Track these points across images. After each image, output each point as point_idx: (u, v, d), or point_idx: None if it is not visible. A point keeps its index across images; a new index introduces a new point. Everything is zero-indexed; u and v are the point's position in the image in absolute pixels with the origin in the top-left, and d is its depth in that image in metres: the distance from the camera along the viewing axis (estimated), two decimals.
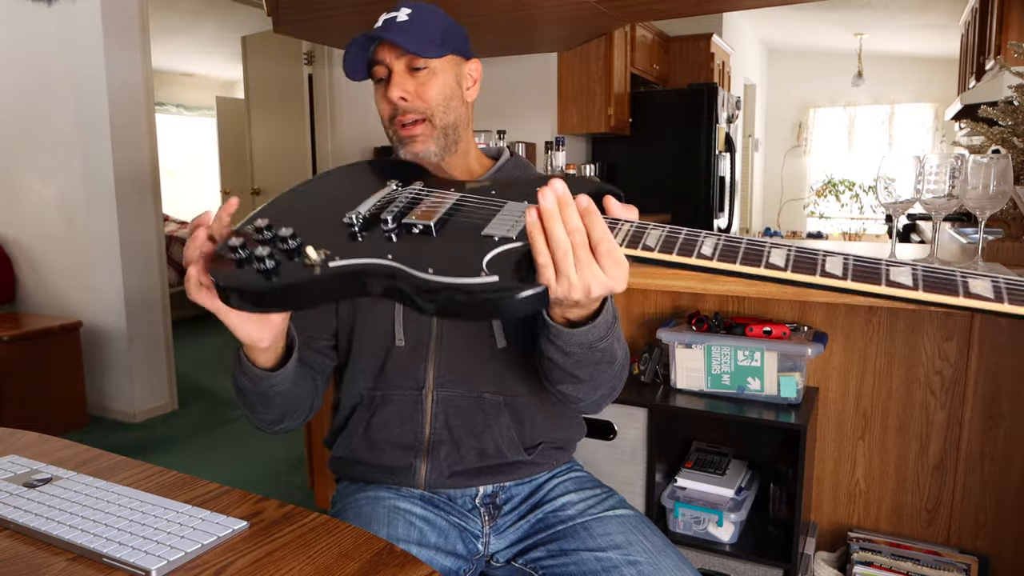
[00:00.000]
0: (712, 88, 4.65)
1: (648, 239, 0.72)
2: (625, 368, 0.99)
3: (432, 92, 1.03)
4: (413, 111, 1.03)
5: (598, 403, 1.02)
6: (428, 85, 1.03)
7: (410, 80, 1.03)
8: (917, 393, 1.72)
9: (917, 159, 1.39)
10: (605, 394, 0.99)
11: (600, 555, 0.99)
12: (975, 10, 4.46)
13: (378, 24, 1.04)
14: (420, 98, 1.03)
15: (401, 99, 1.02)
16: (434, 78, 1.04)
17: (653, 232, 0.73)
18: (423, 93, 1.03)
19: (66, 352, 3.32)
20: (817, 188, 8.43)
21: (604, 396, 1.00)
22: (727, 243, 0.70)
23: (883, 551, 1.69)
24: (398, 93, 1.02)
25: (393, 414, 1.07)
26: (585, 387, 0.95)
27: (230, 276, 0.80)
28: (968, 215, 3.19)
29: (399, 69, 1.03)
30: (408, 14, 1.03)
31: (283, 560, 0.72)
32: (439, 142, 1.05)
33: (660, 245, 0.71)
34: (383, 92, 1.05)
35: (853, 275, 0.67)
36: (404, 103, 1.03)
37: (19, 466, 0.91)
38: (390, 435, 1.07)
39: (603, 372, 0.92)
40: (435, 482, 1.07)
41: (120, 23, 3.30)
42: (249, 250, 0.80)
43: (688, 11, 3.32)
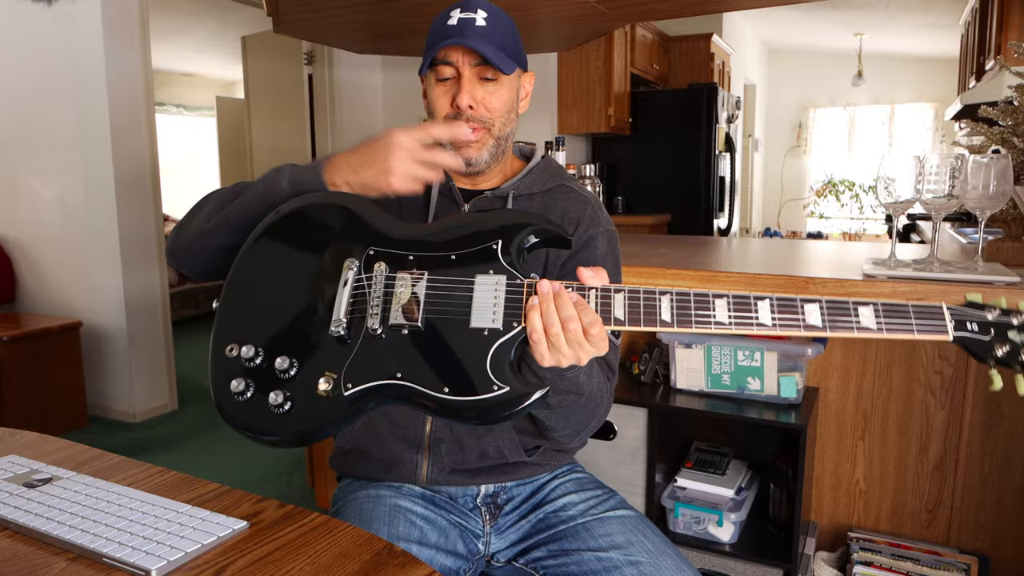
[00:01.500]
0: (712, 88, 4.65)
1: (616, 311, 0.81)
2: (600, 407, 1.01)
3: (497, 104, 1.05)
4: (476, 119, 1.04)
5: (570, 437, 1.05)
6: (495, 96, 1.05)
7: (479, 88, 1.04)
8: (917, 393, 1.72)
9: (917, 159, 1.39)
10: (576, 430, 1.02)
11: (601, 555, 0.99)
12: (975, 10, 4.46)
13: (452, 21, 1.03)
14: (486, 108, 1.04)
15: (470, 107, 1.03)
16: (501, 90, 1.05)
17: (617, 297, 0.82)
18: (490, 104, 1.04)
19: (66, 352, 3.32)
20: (817, 188, 8.43)
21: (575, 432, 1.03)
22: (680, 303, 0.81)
23: (883, 551, 1.69)
24: (467, 100, 1.02)
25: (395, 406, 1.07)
26: (556, 415, 0.97)
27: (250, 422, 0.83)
28: (968, 215, 3.19)
29: (469, 75, 1.03)
30: (485, 19, 1.03)
31: (283, 560, 0.72)
32: (492, 151, 1.07)
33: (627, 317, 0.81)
34: (445, 91, 1.04)
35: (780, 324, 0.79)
36: (471, 111, 1.03)
37: (19, 466, 0.91)
38: (392, 425, 1.08)
39: (572, 403, 0.95)
40: (436, 478, 1.07)
41: (120, 23, 3.30)
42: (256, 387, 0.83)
43: (688, 11, 3.31)
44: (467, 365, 0.81)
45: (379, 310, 0.84)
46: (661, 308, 0.80)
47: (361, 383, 0.82)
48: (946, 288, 1.35)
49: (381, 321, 0.84)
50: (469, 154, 1.05)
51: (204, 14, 5.78)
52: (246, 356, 0.84)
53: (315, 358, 0.84)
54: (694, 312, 0.80)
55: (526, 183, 1.12)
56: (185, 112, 8.46)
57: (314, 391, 0.82)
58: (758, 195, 8.30)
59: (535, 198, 1.12)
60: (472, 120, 1.03)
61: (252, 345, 0.85)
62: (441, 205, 1.11)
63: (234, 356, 0.85)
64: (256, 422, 0.83)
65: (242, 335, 0.86)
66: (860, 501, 1.81)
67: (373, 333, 0.84)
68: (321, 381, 0.82)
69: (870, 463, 1.79)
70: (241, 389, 0.83)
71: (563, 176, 1.17)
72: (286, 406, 0.81)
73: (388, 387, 0.82)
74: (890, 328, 0.78)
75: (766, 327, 0.79)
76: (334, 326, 0.83)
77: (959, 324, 0.78)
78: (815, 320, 0.79)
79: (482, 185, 1.13)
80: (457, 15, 1.03)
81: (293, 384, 0.83)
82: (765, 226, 8.53)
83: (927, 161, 1.38)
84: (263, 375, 0.83)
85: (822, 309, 0.79)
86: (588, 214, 1.12)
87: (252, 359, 0.84)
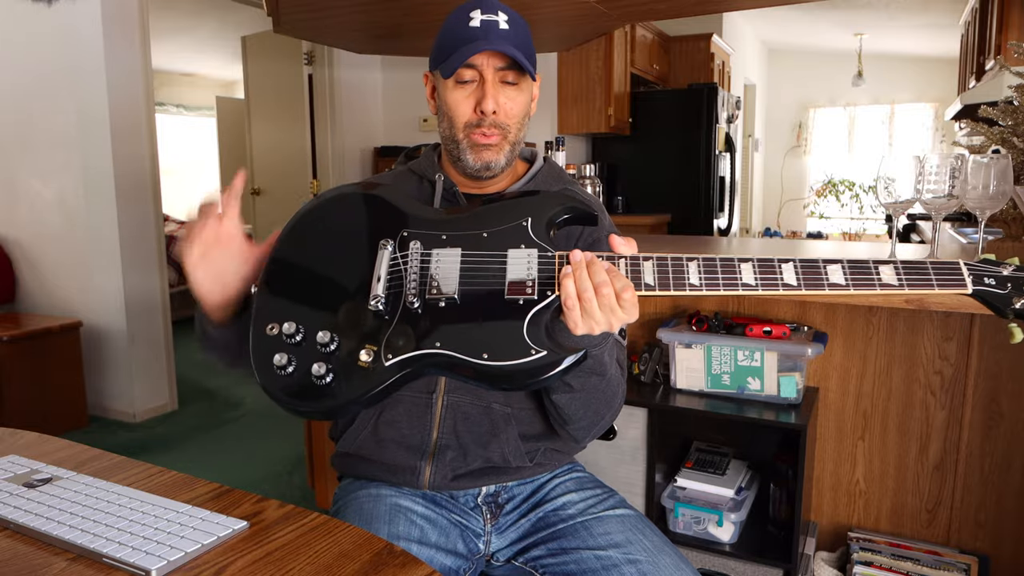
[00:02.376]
0: (712, 88, 4.65)
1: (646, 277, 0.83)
2: (616, 398, 1.02)
3: (516, 109, 1.05)
4: (497, 125, 1.03)
5: (586, 430, 1.05)
6: (516, 101, 1.04)
7: (502, 92, 1.03)
8: (917, 393, 1.72)
9: (917, 159, 1.39)
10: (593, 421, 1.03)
11: (600, 553, 0.99)
12: (975, 10, 4.46)
13: (475, 23, 1.01)
14: (507, 113, 1.04)
15: (494, 112, 1.02)
16: (521, 95, 1.05)
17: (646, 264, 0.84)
18: (511, 109, 1.04)
19: (66, 352, 3.32)
20: (817, 188, 8.43)
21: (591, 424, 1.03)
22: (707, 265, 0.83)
23: (883, 551, 1.69)
24: (493, 105, 1.01)
25: (402, 414, 1.07)
26: (577, 400, 0.98)
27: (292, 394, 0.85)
28: (968, 215, 3.19)
29: (493, 79, 1.02)
30: (507, 22, 1.02)
31: (283, 560, 0.72)
32: (508, 155, 1.06)
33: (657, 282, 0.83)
34: (467, 96, 1.03)
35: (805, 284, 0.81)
36: (495, 116, 1.03)
37: (19, 466, 0.91)
38: (397, 434, 1.07)
39: (594, 386, 0.96)
40: (439, 484, 1.07)
41: (120, 23, 3.30)
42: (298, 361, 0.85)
43: (688, 11, 3.31)
44: (504, 332, 0.83)
45: (415, 285, 0.87)
46: (689, 272, 0.82)
47: (401, 353, 0.84)
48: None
49: (418, 295, 0.86)
50: (488, 158, 1.05)
51: (204, 14, 5.78)
52: (287, 332, 0.87)
53: (355, 332, 0.86)
54: (721, 275, 0.82)
55: (530, 187, 1.12)
56: (185, 112, 8.46)
57: (355, 362, 0.84)
58: (758, 195, 8.30)
59: None
60: (494, 125, 1.03)
61: (292, 322, 0.87)
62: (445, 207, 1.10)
63: (275, 334, 0.87)
64: (299, 394, 0.85)
65: (282, 314, 0.89)
66: (860, 501, 1.81)
67: (411, 307, 0.86)
68: (362, 352, 0.84)
69: (870, 463, 1.79)
70: (283, 363, 0.85)
71: (565, 179, 1.17)
72: (328, 378, 0.84)
73: (427, 356, 0.84)
74: (911, 284, 0.80)
75: (792, 287, 0.81)
76: (373, 301, 0.86)
77: (977, 279, 0.80)
78: (838, 278, 0.81)
79: (488, 190, 1.13)
80: (479, 16, 1.01)
81: (334, 357, 0.85)
82: (765, 226, 8.53)
83: (927, 161, 1.38)
84: (304, 350, 0.86)
85: (844, 269, 0.81)
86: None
87: (293, 335, 0.86)
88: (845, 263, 0.82)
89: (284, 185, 4.72)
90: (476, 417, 1.06)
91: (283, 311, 0.89)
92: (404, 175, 1.17)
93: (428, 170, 1.13)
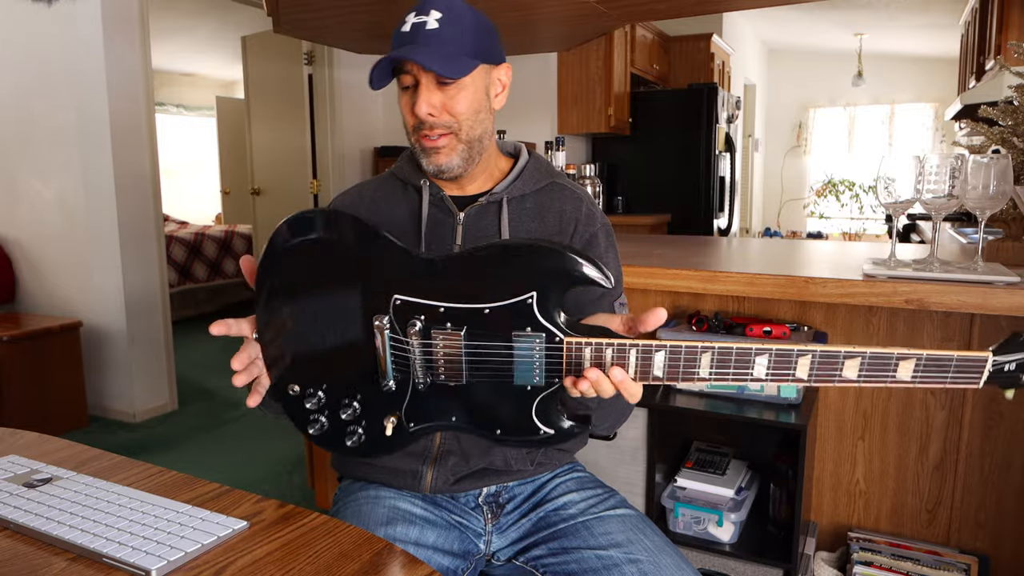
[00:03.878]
0: (712, 88, 4.65)
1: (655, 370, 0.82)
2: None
3: (461, 107, 1.01)
4: (440, 126, 1.01)
5: (609, 428, 1.11)
6: (457, 100, 1.00)
7: (437, 93, 1.00)
8: (917, 393, 1.72)
9: (917, 159, 1.39)
10: (614, 423, 1.09)
11: (601, 553, 0.99)
12: (975, 10, 4.46)
13: (405, 27, 0.99)
14: (448, 112, 1.00)
15: (429, 115, 1.00)
16: (463, 92, 1.01)
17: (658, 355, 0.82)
18: (451, 107, 1.00)
19: (66, 352, 3.32)
20: (817, 188, 8.43)
21: (614, 423, 1.09)
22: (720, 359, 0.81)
23: (883, 551, 1.69)
24: (426, 109, 0.99)
25: None
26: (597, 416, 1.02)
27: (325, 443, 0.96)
28: (968, 215, 3.19)
29: (426, 81, 0.99)
30: (439, 20, 0.98)
31: (283, 560, 0.72)
32: (463, 155, 1.04)
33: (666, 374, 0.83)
34: (408, 101, 1.02)
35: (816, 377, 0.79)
36: (432, 118, 1.00)
37: (19, 466, 0.91)
38: None
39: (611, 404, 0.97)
40: (440, 489, 1.07)
41: (120, 23, 3.30)
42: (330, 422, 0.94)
43: (688, 11, 3.31)
44: (514, 414, 0.89)
45: (422, 369, 0.89)
46: (701, 365, 0.81)
47: (422, 422, 0.92)
48: (946, 288, 1.35)
49: (426, 377, 0.90)
50: (439, 161, 1.03)
51: (204, 14, 5.78)
52: (308, 394, 0.94)
53: (375, 403, 0.93)
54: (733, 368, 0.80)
55: (518, 185, 1.10)
56: (185, 112, 8.46)
57: (382, 432, 0.92)
58: (758, 195, 8.30)
59: (528, 199, 1.11)
60: (436, 127, 1.01)
61: (311, 387, 0.94)
62: (433, 215, 1.09)
63: (296, 394, 0.94)
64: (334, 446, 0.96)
65: (296, 377, 0.94)
66: (860, 501, 1.81)
67: (422, 388, 0.91)
68: (387, 424, 0.92)
69: (870, 463, 1.79)
70: (318, 430, 0.94)
71: (553, 173, 1.15)
72: (360, 439, 0.94)
73: (446, 425, 0.93)
74: (924, 380, 0.77)
75: (802, 380, 0.79)
76: (384, 383, 0.91)
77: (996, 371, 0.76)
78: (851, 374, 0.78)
79: (471, 190, 1.11)
80: (411, 20, 0.99)
81: (361, 424, 0.94)
82: (765, 226, 8.53)
83: (927, 161, 1.38)
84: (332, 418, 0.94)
85: (862, 363, 0.77)
86: (584, 212, 1.11)
87: (311, 397, 0.94)
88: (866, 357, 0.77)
89: (284, 185, 4.72)
90: None
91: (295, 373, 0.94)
92: (389, 181, 1.16)
93: (411, 176, 1.12)
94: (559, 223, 1.09)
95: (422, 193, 1.10)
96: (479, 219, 1.09)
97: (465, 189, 1.11)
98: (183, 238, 5.65)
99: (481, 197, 1.10)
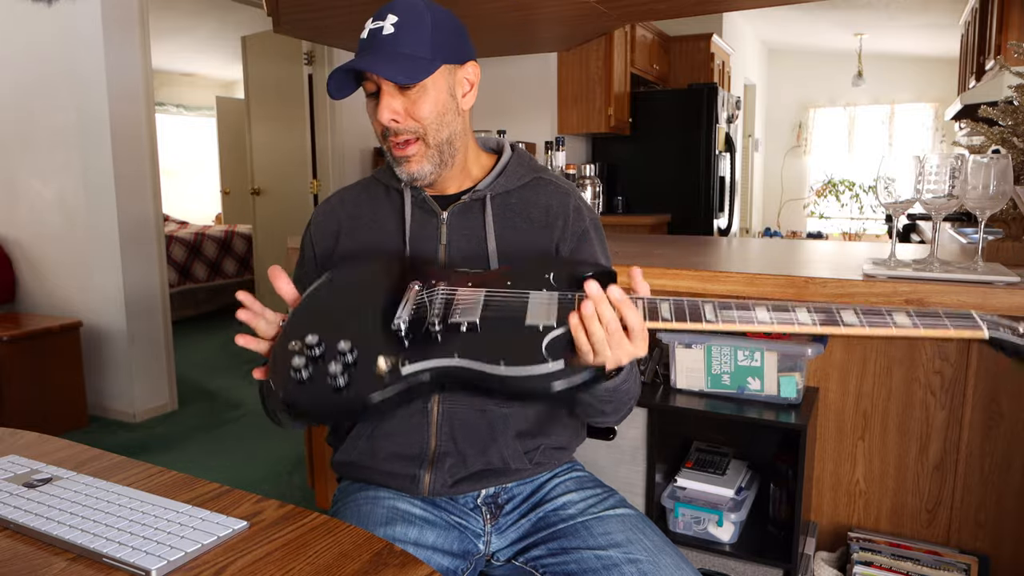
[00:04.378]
0: (712, 88, 4.65)
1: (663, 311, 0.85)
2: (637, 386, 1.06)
3: (424, 111, 1.00)
4: (405, 131, 1.01)
5: (618, 420, 1.10)
6: (419, 104, 1.00)
7: (399, 98, 0.99)
8: (917, 393, 1.72)
9: (917, 159, 1.39)
10: (624, 414, 1.08)
11: (600, 553, 0.99)
12: (975, 10, 4.46)
13: (364, 34, 1.00)
14: (412, 117, 1.00)
15: (392, 121, 0.99)
16: (425, 95, 1.00)
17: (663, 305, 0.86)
18: (414, 112, 1.00)
19: (66, 352, 3.32)
20: (817, 188, 8.43)
21: (624, 415, 1.09)
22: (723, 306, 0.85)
23: (883, 551, 1.69)
24: (388, 116, 0.99)
25: (397, 426, 1.06)
26: (608, 417, 1.05)
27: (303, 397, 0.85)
28: (968, 215, 3.19)
29: (387, 88, 0.99)
30: (395, 24, 0.98)
31: (283, 560, 0.72)
32: (433, 160, 1.03)
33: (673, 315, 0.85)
34: (373, 108, 1.02)
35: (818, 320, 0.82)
36: (396, 124, 1.00)
37: (19, 466, 0.91)
38: (395, 445, 1.06)
39: (624, 403, 1.02)
40: (439, 492, 1.06)
41: (120, 23, 3.30)
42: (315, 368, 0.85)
43: (688, 11, 3.31)
44: (522, 344, 0.85)
45: (440, 311, 0.89)
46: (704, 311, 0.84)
47: (418, 361, 0.85)
48: (946, 288, 1.35)
49: (440, 320, 0.88)
50: (411, 169, 1.03)
51: (204, 14, 5.78)
52: (309, 343, 0.87)
53: (375, 346, 0.87)
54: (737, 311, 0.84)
55: (501, 182, 1.10)
56: (185, 112, 8.46)
57: (372, 370, 0.85)
58: (758, 195, 8.30)
59: (512, 195, 1.10)
60: (401, 133, 1.00)
61: (315, 335, 0.87)
62: (416, 216, 1.10)
63: (296, 348, 0.88)
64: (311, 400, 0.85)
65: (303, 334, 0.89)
66: (860, 501, 1.81)
67: (432, 330, 0.87)
68: (380, 360, 0.85)
69: (870, 463, 1.79)
70: (300, 364, 0.85)
71: (536, 168, 1.14)
72: (342, 379, 0.84)
73: (443, 367, 0.85)
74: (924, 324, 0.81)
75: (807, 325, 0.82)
76: (396, 320, 0.87)
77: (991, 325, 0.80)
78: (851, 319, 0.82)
79: (451, 189, 1.11)
80: (369, 26, 1.00)
81: (352, 363, 0.86)
82: (765, 226, 8.53)
83: (927, 161, 1.38)
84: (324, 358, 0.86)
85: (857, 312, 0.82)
86: (572, 207, 1.11)
87: (313, 347, 0.87)
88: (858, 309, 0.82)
89: (284, 185, 4.72)
90: (473, 422, 1.05)
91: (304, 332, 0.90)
92: (371, 185, 1.17)
93: (392, 179, 1.12)
94: (545, 218, 1.10)
95: (404, 195, 1.10)
96: (463, 217, 1.09)
97: (445, 189, 1.11)
98: (183, 238, 5.65)
99: (464, 195, 1.09)
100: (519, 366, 0.83)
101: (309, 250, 1.17)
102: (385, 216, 1.11)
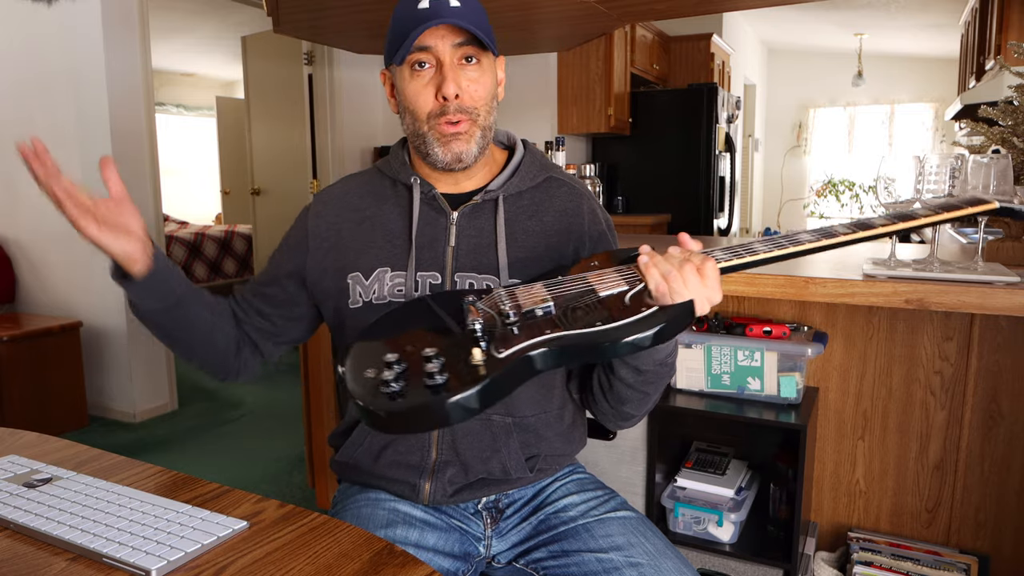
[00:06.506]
0: (712, 88, 4.65)
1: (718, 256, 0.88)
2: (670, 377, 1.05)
3: (482, 91, 0.98)
4: (463, 110, 0.96)
5: (641, 417, 1.07)
6: (480, 82, 0.97)
7: (462, 74, 0.96)
8: (917, 393, 1.72)
9: (917, 159, 1.39)
10: (656, 401, 1.05)
11: (601, 556, 0.99)
12: (975, 10, 4.46)
13: (424, 4, 0.94)
14: (471, 96, 0.97)
15: (456, 96, 0.95)
16: (484, 75, 0.98)
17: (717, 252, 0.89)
18: (475, 91, 0.97)
19: (66, 352, 3.32)
20: (817, 188, 8.43)
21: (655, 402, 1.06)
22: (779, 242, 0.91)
23: (883, 551, 1.69)
24: (455, 89, 0.94)
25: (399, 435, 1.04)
26: (647, 403, 1.02)
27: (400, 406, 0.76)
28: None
29: (451, 60, 0.95)
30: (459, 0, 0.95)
31: (283, 560, 0.72)
32: (479, 143, 1.00)
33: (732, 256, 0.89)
34: (426, 84, 0.96)
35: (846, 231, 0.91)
36: (458, 100, 0.96)
37: (19, 466, 0.91)
38: (395, 453, 1.04)
39: (662, 386, 0.99)
40: (438, 500, 1.05)
41: (120, 23, 3.30)
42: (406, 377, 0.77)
43: (688, 11, 3.31)
44: (608, 308, 0.83)
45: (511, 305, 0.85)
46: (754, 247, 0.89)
47: (513, 345, 0.80)
48: (946, 288, 1.35)
49: (516, 311, 0.83)
50: (458, 149, 0.98)
51: (204, 14, 5.78)
52: (388, 361, 0.79)
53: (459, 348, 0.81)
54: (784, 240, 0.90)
55: (515, 182, 1.06)
56: (185, 112, 8.46)
57: (468, 359, 0.78)
58: (758, 195, 8.30)
59: (525, 196, 1.07)
60: (459, 111, 0.96)
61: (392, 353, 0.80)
62: (424, 214, 1.05)
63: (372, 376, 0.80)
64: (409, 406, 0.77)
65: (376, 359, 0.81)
66: (860, 501, 1.81)
67: (508, 322, 0.83)
68: (475, 351, 0.79)
69: (870, 463, 1.79)
70: (390, 378, 0.77)
71: (549, 167, 1.11)
72: (440, 378, 0.76)
73: (537, 345, 0.80)
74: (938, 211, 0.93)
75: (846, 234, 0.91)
76: (471, 322, 0.82)
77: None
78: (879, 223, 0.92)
79: (465, 185, 1.06)
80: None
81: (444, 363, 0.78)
82: (765, 226, 8.52)
83: (927, 161, 1.38)
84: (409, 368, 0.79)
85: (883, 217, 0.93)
86: (587, 210, 1.09)
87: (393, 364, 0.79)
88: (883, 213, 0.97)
89: (284, 185, 4.72)
90: (476, 432, 1.02)
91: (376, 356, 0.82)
92: (375, 177, 1.12)
93: (400, 172, 1.07)
94: (557, 222, 1.07)
95: (412, 191, 1.05)
96: (473, 219, 1.05)
97: (461, 185, 1.06)
98: (183, 238, 5.65)
99: (475, 195, 1.05)
100: (621, 320, 0.81)
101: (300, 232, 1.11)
102: (389, 212, 1.07)
